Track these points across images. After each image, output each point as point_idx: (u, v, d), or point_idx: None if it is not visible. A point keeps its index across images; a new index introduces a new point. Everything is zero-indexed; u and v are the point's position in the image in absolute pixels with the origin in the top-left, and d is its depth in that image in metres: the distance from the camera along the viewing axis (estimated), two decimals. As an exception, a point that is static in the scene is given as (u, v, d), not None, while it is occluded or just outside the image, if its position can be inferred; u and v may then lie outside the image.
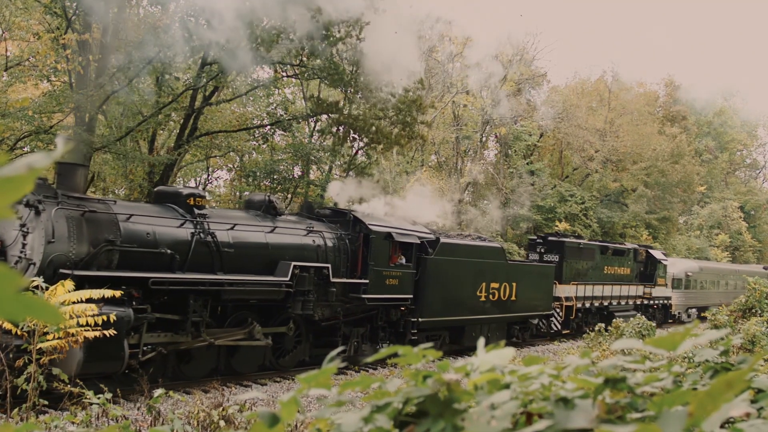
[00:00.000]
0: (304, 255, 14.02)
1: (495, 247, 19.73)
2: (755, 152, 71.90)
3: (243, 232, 13.09)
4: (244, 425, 7.36)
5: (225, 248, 12.54)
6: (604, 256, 26.12)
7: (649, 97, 51.13)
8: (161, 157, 22.01)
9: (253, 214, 13.92)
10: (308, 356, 14.86)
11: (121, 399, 10.55)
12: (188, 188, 13.79)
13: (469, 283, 17.90)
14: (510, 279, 19.46)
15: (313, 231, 14.55)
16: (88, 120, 19.79)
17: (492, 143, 43.89)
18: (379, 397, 1.24)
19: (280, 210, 14.51)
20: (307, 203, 17.02)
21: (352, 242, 15.33)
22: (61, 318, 0.85)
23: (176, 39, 18.94)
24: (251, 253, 13.07)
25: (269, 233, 13.59)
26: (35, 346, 7.69)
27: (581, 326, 24.23)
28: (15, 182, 0.80)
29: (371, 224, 15.46)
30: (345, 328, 15.28)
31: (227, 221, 12.94)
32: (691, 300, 34.09)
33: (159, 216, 11.92)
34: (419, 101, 23.31)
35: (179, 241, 11.93)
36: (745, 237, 57.58)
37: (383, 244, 15.50)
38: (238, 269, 12.66)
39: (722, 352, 1.68)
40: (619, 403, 1.16)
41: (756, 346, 14.84)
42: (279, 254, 13.51)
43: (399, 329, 16.37)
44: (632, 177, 44.03)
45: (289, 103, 27.81)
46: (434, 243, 17.02)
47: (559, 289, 22.92)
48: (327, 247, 14.68)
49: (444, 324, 17.53)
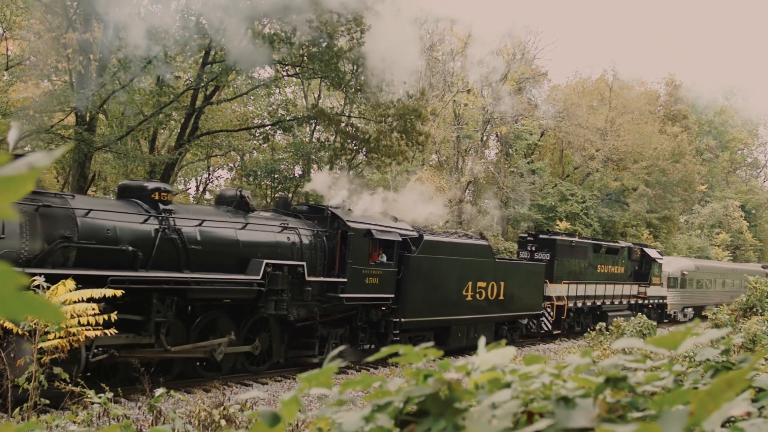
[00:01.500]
0: (278, 252, 13.44)
1: (482, 245, 19.11)
2: (756, 151, 71.94)
3: (212, 229, 12.51)
4: (245, 424, 7.37)
5: (192, 245, 11.94)
6: (597, 254, 25.52)
7: (650, 96, 51.11)
8: (162, 157, 22.02)
9: (224, 210, 13.33)
10: (283, 358, 14.33)
11: (122, 398, 10.58)
12: (153, 182, 13.13)
13: (454, 282, 17.31)
14: (498, 278, 18.87)
15: (287, 228, 13.95)
16: (88, 119, 19.82)
17: (493, 142, 43.90)
18: (380, 396, 1.24)
19: (252, 206, 13.92)
20: (283, 199, 16.38)
21: (329, 239, 14.73)
22: (62, 317, 0.85)
23: (177, 38, 18.95)
24: (221, 251, 12.50)
25: (240, 230, 13.00)
26: (36, 345, 7.69)
27: (573, 326, 23.80)
28: (15, 182, 0.80)
29: (350, 221, 14.93)
30: (322, 329, 14.68)
31: (195, 217, 12.37)
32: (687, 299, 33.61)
33: (121, 211, 11.36)
34: (419, 110, 23.16)
35: (142, 238, 11.36)
36: (746, 236, 57.55)
37: (362, 242, 14.94)
38: (206, 267, 12.08)
39: (723, 352, 1.68)
40: (620, 403, 1.16)
41: (757, 346, 14.83)
42: (251, 252, 12.91)
43: (380, 330, 15.80)
44: (633, 176, 44.02)
45: (291, 105, 27.80)
46: (417, 240, 16.45)
47: (550, 288, 22.31)
48: (303, 244, 14.09)
49: (428, 324, 17.00)
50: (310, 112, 24.47)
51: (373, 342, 15.94)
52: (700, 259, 41.45)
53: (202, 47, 20.29)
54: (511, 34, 38.50)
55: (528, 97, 42.72)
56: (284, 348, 14.26)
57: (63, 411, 8.71)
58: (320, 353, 14.52)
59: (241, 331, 13.21)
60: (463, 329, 17.81)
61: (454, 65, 36.93)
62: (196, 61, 21.31)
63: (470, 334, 17.93)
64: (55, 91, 20.05)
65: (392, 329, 15.70)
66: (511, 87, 37.89)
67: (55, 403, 8.97)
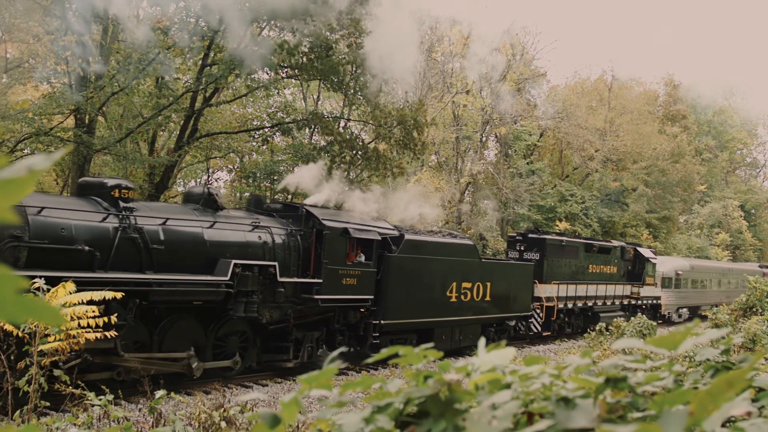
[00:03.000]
0: (248, 252, 12.92)
1: (466, 245, 18.51)
2: (755, 151, 71.99)
3: (177, 228, 11.94)
4: (246, 426, 7.37)
5: (154, 245, 11.42)
6: (589, 254, 24.93)
7: (649, 96, 51.15)
8: (162, 159, 22.02)
9: (191, 208, 12.74)
10: (256, 362, 13.75)
11: (122, 400, 10.56)
12: (114, 179, 12.39)
13: (437, 283, 16.83)
14: (484, 278, 18.36)
15: (259, 226, 13.38)
16: (88, 122, 19.82)
17: (492, 143, 43.92)
18: (380, 397, 1.24)
19: (221, 204, 13.34)
20: (255, 197, 15.72)
21: (304, 239, 14.14)
22: (61, 320, 0.85)
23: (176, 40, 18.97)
24: (186, 251, 11.95)
25: (208, 228, 12.43)
26: (36, 347, 7.68)
27: (563, 328, 23.33)
28: (15, 185, 0.80)
29: (325, 219, 14.36)
30: (297, 333, 14.12)
31: (158, 215, 11.81)
32: (682, 300, 33.10)
33: (77, 209, 10.77)
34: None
35: (100, 237, 10.81)
36: (745, 236, 57.56)
37: (339, 241, 14.38)
38: (170, 268, 11.54)
39: (723, 351, 1.68)
40: (620, 403, 1.16)
41: (757, 345, 14.83)
42: (219, 252, 12.36)
43: (359, 333, 15.28)
44: (632, 176, 44.03)
45: (290, 107, 27.82)
46: (398, 240, 15.92)
47: (540, 288, 21.76)
48: (275, 243, 13.52)
49: (410, 326, 16.49)
50: (308, 116, 24.47)
51: (351, 345, 15.44)
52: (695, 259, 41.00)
53: (201, 49, 20.31)
54: (509, 32, 38.54)
55: (527, 97, 42.75)
56: (256, 352, 13.70)
57: (63, 413, 8.70)
58: (295, 357, 14.11)
59: (209, 334, 12.67)
60: (447, 331, 17.29)
61: (453, 66, 36.96)
62: (196, 63, 21.31)
63: (455, 337, 17.46)
64: (54, 93, 20.05)
65: (371, 332, 15.21)
66: (510, 87, 37.91)
67: (56, 405, 8.97)
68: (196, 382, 12.47)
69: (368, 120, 24.33)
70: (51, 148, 18.80)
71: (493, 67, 35.52)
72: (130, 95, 20.52)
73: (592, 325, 23.82)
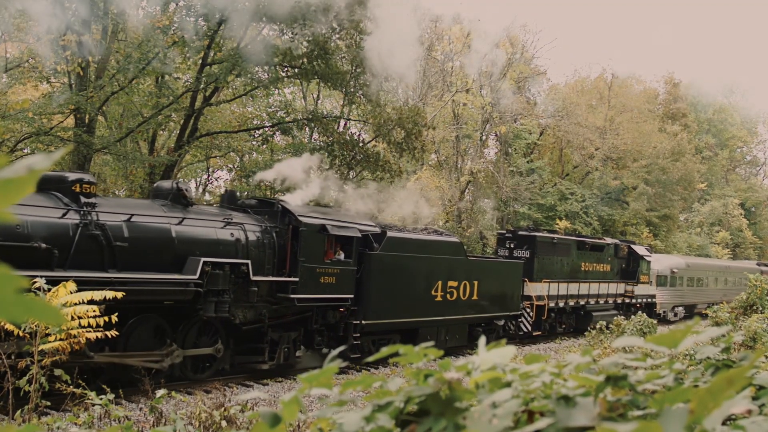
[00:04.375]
0: (220, 250, 12.38)
1: (452, 242, 17.98)
2: (755, 149, 72.04)
3: (142, 224, 11.45)
4: (246, 425, 7.37)
5: (118, 242, 10.92)
6: (581, 251, 24.35)
7: (649, 94, 51.13)
8: (161, 158, 22.02)
9: (159, 204, 12.24)
10: (229, 365, 13.26)
11: (123, 400, 10.57)
12: (75, 173, 11.86)
13: (422, 282, 16.32)
14: (471, 277, 17.82)
15: (231, 223, 12.86)
16: (88, 121, 19.82)
17: (492, 142, 43.92)
18: (380, 396, 1.24)
19: (191, 199, 12.79)
20: (229, 192, 15.19)
21: (280, 236, 13.60)
22: (62, 319, 0.85)
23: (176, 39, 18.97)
24: (152, 248, 11.46)
25: (177, 225, 11.90)
26: (37, 347, 7.69)
27: (555, 327, 22.83)
28: (15, 184, 0.80)
29: (302, 215, 13.81)
30: (273, 333, 13.54)
31: (122, 211, 11.30)
32: (677, 298, 32.57)
33: (34, 205, 10.19)
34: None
35: (59, 234, 10.30)
36: (745, 234, 57.56)
37: (316, 238, 13.83)
38: (135, 266, 11.03)
39: (723, 350, 1.68)
40: (621, 401, 1.16)
41: (757, 343, 14.83)
42: (188, 249, 11.84)
43: (339, 333, 14.78)
44: (633, 174, 44.03)
45: (290, 107, 27.83)
46: (380, 237, 15.41)
47: (530, 287, 21.19)
48: (248, 241, 12.99)
49: (393, 327, 16.00)
50: (307, 115, 24.48)
51: (331, 346, 14.93)
52: (691, 257, 40.54)
53: (201, 48, 20.31)
54: (509, 31, 38.54)
55: (527, 96, 42.76)
56: (229, 353, 13.21)
57: (64, 413, 8.71)
58: (271, 359, 13.58)
59: (178, 335, 12.18)
60: (432, 331, 16.79)
61: (453, 64, 36.95)
62: (195, 62, 21.31)
63: (441, 337, 16.97)
64: (54, 93, 20.05)
65: (352, 332, 14.75)
66: (510, 85, 37.92)
67: (56, 404, 8.97)
68: (196, 382, 12.48)
69: (368, 120, 24.33)
70: (51, 147, 18.81)
71: (493, 63, 35.50)
72: (130, 95, 20.53)
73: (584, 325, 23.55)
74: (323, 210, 14.99)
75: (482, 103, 36.94)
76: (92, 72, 19.73)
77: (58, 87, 20.90)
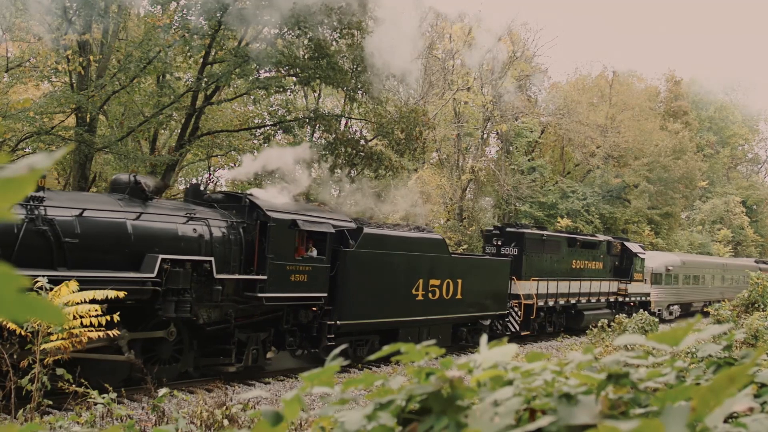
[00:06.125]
0: (181, 247, 11.75)
1: (434, 239, 17.33)
2: (757, 147, 71.98)
3: (96, 219, 10.85)
4: (248, 424, 7.38)
5: (68, 238, 10.38)
6: (572, 249, 23.62)
7: (650, 92, 51.10)
8: (163, 158, 22.01)
9: (116, 199, 11.60)
10: (192, 367, 12.65)
11: (125, 398, 10.59)
12: None
13: (402, 280, 15.72)
14: (454, 275, 17.26)
15: (194, 218, 12.20)
16: (89, 120, 19.83)
17: (493, 140, 43.91)
18: (382, 394, 1.24)
19: (150, 193, 12.11)
20: (194, 186, 14.42)
21: (247, 231, 12.99)
22: (63, 318, 0.85)
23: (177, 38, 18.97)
24: (107, 245, 10.89)
25: (134, 221, 11.33)
26: (39, 346, 7.70)
27: (544, 327, 22.22)
28: (16, 183, 0.80)
29: (270, 210, 13.17)
30: (241, 334, 12.94)
31: (73, 206, 10.68)
32: (672, 296, 31.89)
33: None
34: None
35: (1, 231, 9.83)
36: (747, 232, 57.52)
37: (286, 234, 13.20)
38: (88, 264, 10.47)
39: (725, 347, 1.68)
40: (622, 399, 1.16)
41: (759, 341, 14.83)
42: (146, 246, 11.25)
43: (312, 334, 14.16)
44: (634, 173, 44.01)
45: (291, 105, 27.82)
46: (356, 233, 14.79)
47: (518, 285, 20.58)
48: (213, 237, 12.37)
49: (371, 327, 15.37)
50: (309, 113, 24.49)
51: (304, 347, 14.54)
52: (687, 254, 39.93)
53: (202, 47, 20.31)
54: (510, 29, 38.53)
55: (528, 94, 42.75)
56: (193, 355, 12.54)
57: (66, 412, 8.72)
58: (238, 360, 13.02)
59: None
60: (414, 332, 16.25)
61: (454, 63, 36.93)
62: (196, 61, 21.31)
63: (423, 337, 16.18)
64: (56, 92, 20.05)
65: (326, 333, 14.11)
66: (511, 83, 37.90)
67: (59, 404, 8.98)
68: (197, 381, 12.51)
69: (370, 119, 24.33)
70: (52, 147, 18.81)
71: (494, 58, 35.45)
72: (131, 94, 20.53)
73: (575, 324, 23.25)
74: (295, 205, 14.26)
75: (483, 102, 36.92)
76: (93, 71, 19.73)
77: (59, 86, 20.89)
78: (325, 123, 23.33)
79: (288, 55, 20.50)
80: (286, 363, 15.09)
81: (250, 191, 14.50)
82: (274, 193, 14.45)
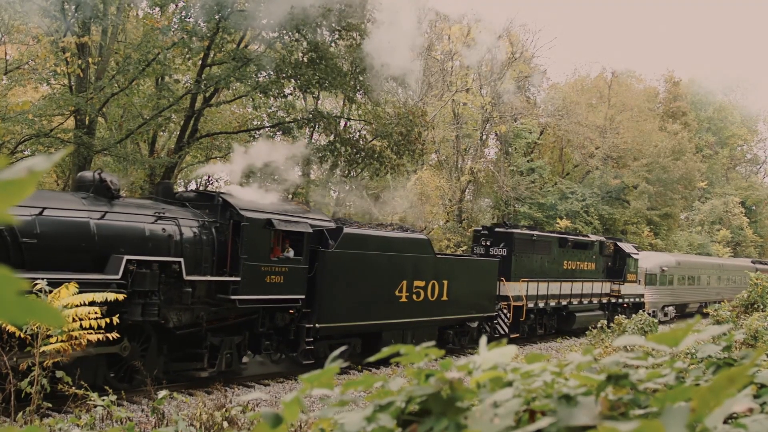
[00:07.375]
0: (149, 247, 11.32)
1: (418, 239, 16.80)
2: (756, 147, 72.04)
3: (56, 219, 10.38)
4: (248, 426, 7.38)
5: (26, 239, 9.94)
6: (564, 249, 23.06)
7: (649, 93, 51.14)
8: (162, 159, 22.02)
9: (80, 197, 11.11)
10: (162, 372, 11.92)
11: (125, 401, 10.58)
12: None
13: (384, 281, 15.25)
14: (439, 276, 16.82)
15: (163, 217, 11.71)
16: (88, 123, 19.83)
17: (492, 141, 43.95)
18: (381, 396, 1.24)
19: (116, 191, 11.57)
20: (164, 184, 13.81)
21: (220, 231, 12.53)
22: (63, 321, 0.85)
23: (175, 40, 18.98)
24: (68, 246, 10.42)
25: (98, 220, 10.85)
26: (38, 349, 7.69)
27: (535, 329, 21.79)
28: (15, 186, 0.80)
29: (244, 209, 12.68)
30: (213, 338, 12.47)
31: (32, 204, 10.16)
32: (667, 297, 31.27)
33: None
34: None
35: None
36: (746, 232, 57.54)
37: (261, 234, 12.72)
38: (48, 266, 9.98)
39: (725, 348, 1.68)
40: (622, 400, 1.16)
41: (758, 342, 14.82)
42: (111, 247, 10.80)
43: (290, 337, 13.77)
44: (633, 173, 44.04)
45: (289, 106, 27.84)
46: (336, 233, 14.34)
47: (507, 287, 20.04)
48: (183, 237, 11.87)
49: (352, 330, 14.93)
50: (308, 114, 24.51)
51: (281, 351, 14.06)
52: (682, 255, 39.33)
53: (200, 49, 20.32)
54: (509, 30, 38.55)
55: (527, 95, 42.78)
56: (162, 360, 12.02)
57: (66, 414, 8.71)
58: (211, 365, 12.55)
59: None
60: (397, 335, 15.83)
61: (453, 64, 36.95)
62: (195, 62, 21.32)
63: (407, 340, 15.77)
64: (55, 94, 20.04)
65: (305, 336, 13.68)
66: (510, 84, 37.93)
67: (58, 406, 8.98)
68: (198, 383, 12.49)
69: (369, 120, 24.34)
70: (51, 149, 18.80)
71: (493, 59, 35.46)
72: (130, 96, 20.53)
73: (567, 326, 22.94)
74: (272, 204, 13.72)
75: (482, 103, 36.94)
76: (92, 73, 19.73)
77: (58, 89, 20.89)
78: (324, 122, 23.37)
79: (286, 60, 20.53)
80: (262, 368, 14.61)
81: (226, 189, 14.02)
82: (250, 192, 13.94)
